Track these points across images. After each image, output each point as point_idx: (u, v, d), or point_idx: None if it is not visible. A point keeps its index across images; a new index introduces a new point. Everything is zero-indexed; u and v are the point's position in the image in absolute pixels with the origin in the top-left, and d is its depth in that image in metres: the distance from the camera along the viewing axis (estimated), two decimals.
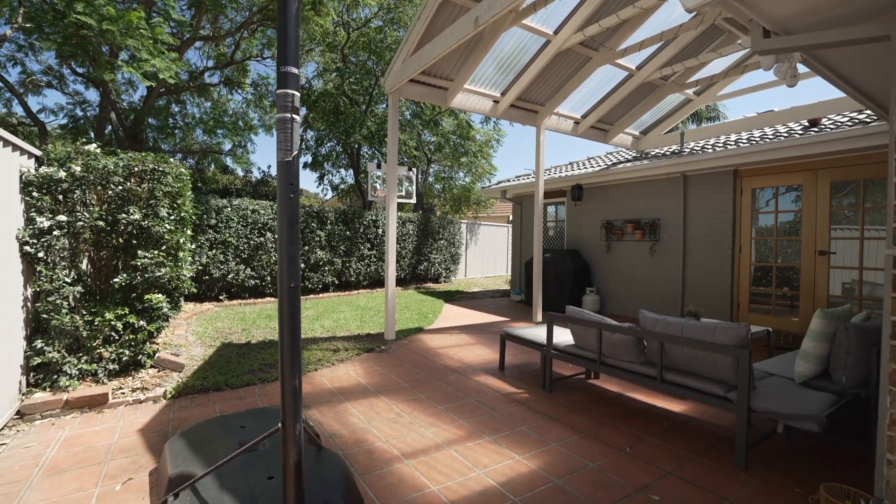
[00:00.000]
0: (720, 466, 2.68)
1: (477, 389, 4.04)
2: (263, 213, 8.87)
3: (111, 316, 3.80)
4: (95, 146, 4.08)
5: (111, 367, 3.83)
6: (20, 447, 2.84)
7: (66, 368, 3.55)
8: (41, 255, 3.54)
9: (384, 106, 14.05)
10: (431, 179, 17.46)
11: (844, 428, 3.06)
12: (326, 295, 9.85)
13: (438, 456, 2.79)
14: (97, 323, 3.75)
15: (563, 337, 4.26)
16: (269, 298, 8.92)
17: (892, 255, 1.91)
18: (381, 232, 10.92)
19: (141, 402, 3.60)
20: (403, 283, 12.04)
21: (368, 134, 13.58)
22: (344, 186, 16.99)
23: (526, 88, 6.81)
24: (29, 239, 3.49)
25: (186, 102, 12.36)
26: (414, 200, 11.21)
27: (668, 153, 7.91)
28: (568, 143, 77.44)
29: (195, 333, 5.80)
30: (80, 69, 8.99)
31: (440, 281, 13.12)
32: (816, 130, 5.61)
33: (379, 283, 11.14)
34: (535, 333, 4.44)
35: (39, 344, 3.49)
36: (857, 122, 5.36)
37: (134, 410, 3.47)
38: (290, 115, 1.76)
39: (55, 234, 3.62)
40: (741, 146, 6.17)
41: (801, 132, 5.86)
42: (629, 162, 8.21)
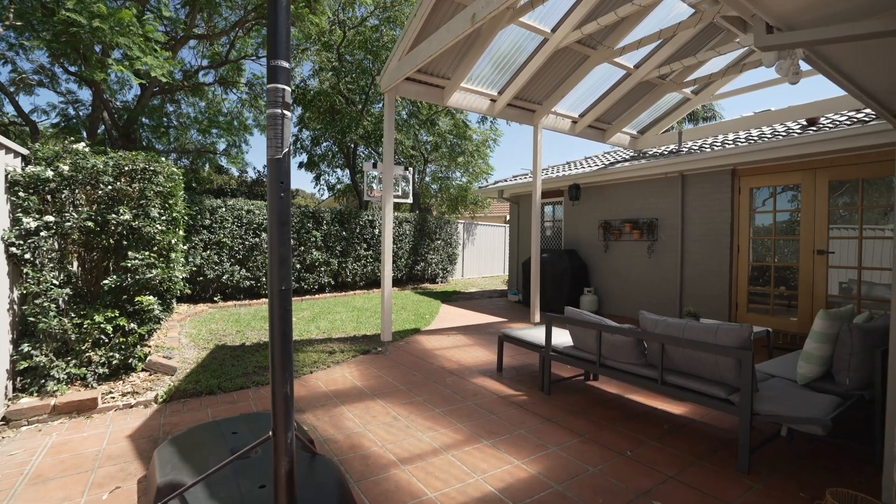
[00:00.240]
0: (722, 470, 2.64)
1: (475, 392, 3.98)
2: (258, 213, 8.78)
3: (101, 318, 3.72)
4: (84, 145, 4.00)
5: (101, 370, 3.75)
6: (4, 455, 2.76)
7: (54, 373, 3.47)
8: (28, 256, 3.46)
9: (380, 105, 13.98)
10: (428, 179, 17.40)
11: (847, 430, 3.03)
12: (322, 296, 9.77)
13: (436, 461, 2.73)
14: (86, 326, 3.67)
15: (561, 338, 4.20)
16: (264, 300, 8.82)
17: None
18: (377, 232, 10.85)
19: (131, 406, 3.52)
20: (400, 283, 11.96)
21: (365, 133, 13.51)
22: (340, 186, 16.92)
23: (523, 87, 6.76)
24: (15, 240, 3.40)
25: (181, 102, 12.25)
26: (410, 200, 11.14)
27: (665, 152, 7.88)
28: (565, 142, 77.59)
29: (188, 335, 5.71)
30: (72, 68, 8.86)
31: (437, 281, 13.06)
32: (815, 130, 5.59)
33: (375, 283, 11.07)
34: (533, 335, 4.39)
35: (26, 348, 3.41)
36: (855, 121, 5.34)
37: (124, 415, 3.39)
38: (280, 110, 1.69)
39: (42, 235, 3.53)
40: (739, 145, 6.14)
41: (799, 131, 5.83)
42: (627, 161, 8.17)
